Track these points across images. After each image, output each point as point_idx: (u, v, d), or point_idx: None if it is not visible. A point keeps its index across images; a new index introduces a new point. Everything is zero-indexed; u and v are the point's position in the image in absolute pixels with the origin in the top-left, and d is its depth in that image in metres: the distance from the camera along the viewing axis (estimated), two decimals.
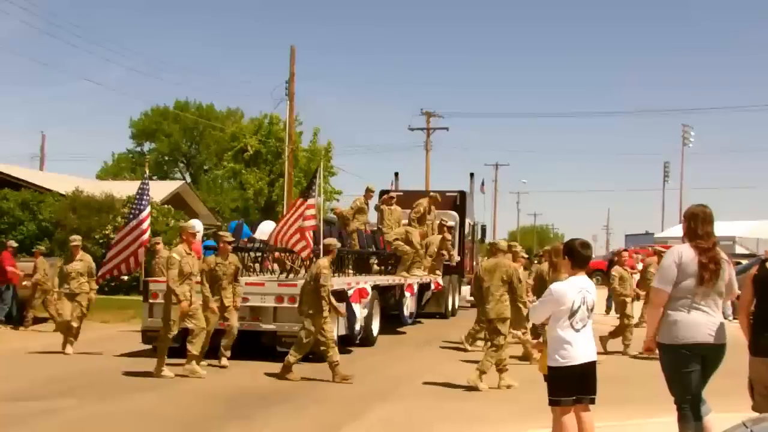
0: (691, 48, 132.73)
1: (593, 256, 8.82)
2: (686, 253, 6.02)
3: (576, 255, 6.45)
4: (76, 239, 14.40)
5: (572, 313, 6.23)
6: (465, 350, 14.92)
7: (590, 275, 6.80)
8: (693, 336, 5.93)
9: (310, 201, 13.45)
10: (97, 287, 14.75)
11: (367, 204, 19.32)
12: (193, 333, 11.66)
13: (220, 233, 12.81)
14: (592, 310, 6.39)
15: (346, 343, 14.23)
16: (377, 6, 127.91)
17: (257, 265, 16.05)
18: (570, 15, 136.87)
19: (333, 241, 12.30)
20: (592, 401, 6.41)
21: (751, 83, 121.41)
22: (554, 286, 6.47)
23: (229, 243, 12.70)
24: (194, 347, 11.64)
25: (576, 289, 6.30)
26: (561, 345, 6.23)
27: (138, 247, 14.63)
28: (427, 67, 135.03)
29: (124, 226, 15.20)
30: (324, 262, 11.60)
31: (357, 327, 14.38)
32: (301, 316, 11.71)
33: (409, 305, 18.74)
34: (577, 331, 6.24)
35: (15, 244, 18.93)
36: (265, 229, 14.56)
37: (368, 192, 19.65)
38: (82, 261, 14.15)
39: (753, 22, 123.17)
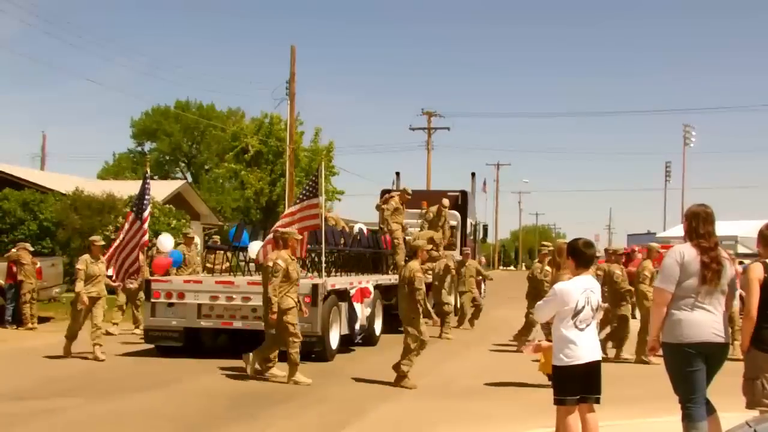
0: (692, 47, 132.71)
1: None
2: (688, 252, 6.02)
3: (579, 255, 6.45)
4: (99, 240, 13.81)
5: (576, 313, 6.23)
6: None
7: None
8: (697, 335, 5.93)
9: (313, 201, 13.44)
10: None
11: (403, 204, 19.28)
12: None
13: (288, 230, 12.11)
14: (597, 310, 6.39)
15: (347, 342, 14.24)
16: (378, 6, 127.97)
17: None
18: (571, 15, 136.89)
19: (422, 243, 11.97)
20: (597, 401, 6.41)
21: (754, 82, 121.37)
22: (558, 286, 6.47)
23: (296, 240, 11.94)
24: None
25: (580, 288, 6.30)
26: (566, 344, 6.24)
27: (139, 250, 14.61)
28: (428, 66, 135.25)
29: (124, 224, 15.01)
30: (415, 265, 11.18)
31: (357, 326, 14.38)
32: (403, 323, 11.33)
33: None
34: (581, 330, 6.24)
35: (23, 245, 18.89)
36: (255, 249, 14.53)
37: (405, 193, 19.63)
38: (103, 262, 13.76)
39: (755, 21, 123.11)
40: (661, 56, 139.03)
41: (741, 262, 16.89)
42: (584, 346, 6.24)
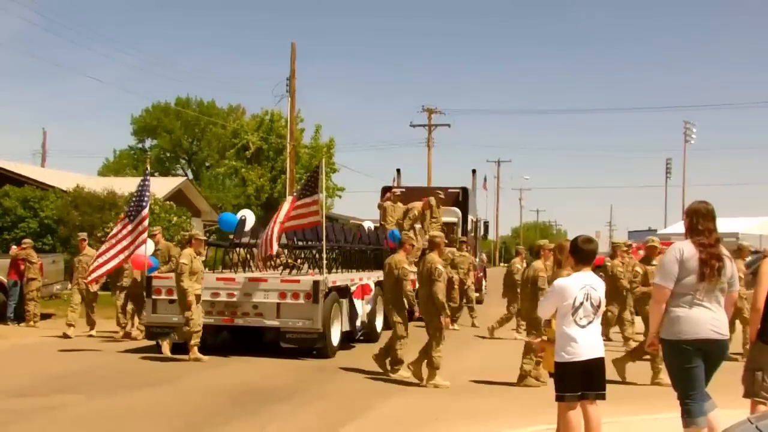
0: (694, 44, 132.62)
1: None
2: (687, 249, 6.02)
3: (579, 251, 6.46)
4: (201, 234, 13.64)
5: (575, 310, 6.24)
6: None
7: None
8: (695, 332, 5.93)
9: (313, 197, 13.44)
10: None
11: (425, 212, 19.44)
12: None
13: (437, 233, 11.99)
14: (599, 306, 6.39)
15: (347, 339, 14.24)
16: (379, 3, 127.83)
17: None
18: (573, 10, 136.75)
19: (544, 243, 11.96)
20: (600, 397, 6.41)
21: (754, 79, 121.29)
22: (557, 282, 6.49)
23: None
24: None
25: (579, 285, 6.30)
26: (567, 341, 6.25)
27: (138, 246, 14.53)
28: (428, 63, 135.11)
29: (122, 219, 14.88)
30: (539, 264, 11.27)
31: (358, 323, 14.38)
32: (525, 321, 11.45)
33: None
34: (582, 327, 6.25)
35: (30, 242, 18.89)
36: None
37: (428, 203, 19.77)
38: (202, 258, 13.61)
39: (756, 18, 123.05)
40: (662, 53, 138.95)
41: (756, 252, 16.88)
42: (585, 343, 6.25)
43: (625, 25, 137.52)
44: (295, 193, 14.17)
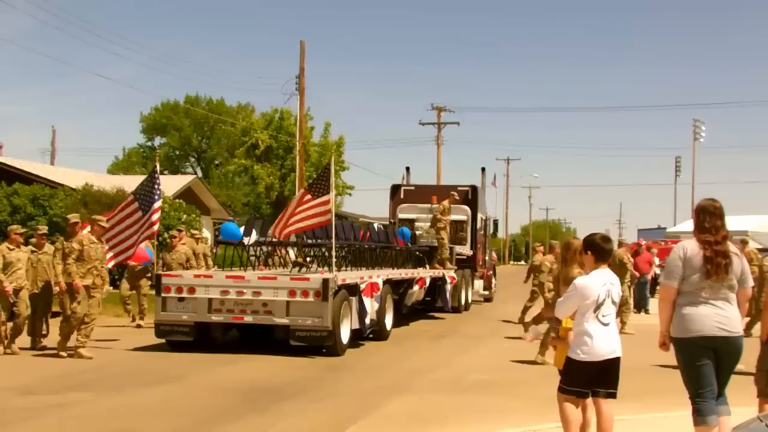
0: (702, 42, 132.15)
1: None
2: (691, 247, 6.01)
3: (597, 249, 6.46)
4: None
5: (597, 307, 6.23)
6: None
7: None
8: (699, 329, 5.92)
9: (324, 197, 13.40)
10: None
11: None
12: None
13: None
14: (617, 303, 6.40)
15: (357, 336, 14.22)
16: (389, 1, 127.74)
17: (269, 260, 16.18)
18: (582, 8, 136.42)
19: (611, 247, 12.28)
20: (611, 396, 6.39)
21: (763, 77, 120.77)
22: (578, 281, 6.44)
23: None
24: None
25: (600, 282, 6.30)
26: (586, 339, 6.21)
27: (143, 240, 14.58)
28: (438, 61, 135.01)
29: (123, 208, 14.85)
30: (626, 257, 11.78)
31: (367, 321, 14.35)
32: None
33: (412, 298, 18.76)
34: (605, 325, 6.25)
35: (22, 230, 18.75)
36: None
37: (453, 197, 21.57)
38: None
39: (764, 15, 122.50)
40: (670, 51, 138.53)
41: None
42: (605, 342, 6.23)
43: (633, 23, 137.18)
44: (305, 187, 14.05)
